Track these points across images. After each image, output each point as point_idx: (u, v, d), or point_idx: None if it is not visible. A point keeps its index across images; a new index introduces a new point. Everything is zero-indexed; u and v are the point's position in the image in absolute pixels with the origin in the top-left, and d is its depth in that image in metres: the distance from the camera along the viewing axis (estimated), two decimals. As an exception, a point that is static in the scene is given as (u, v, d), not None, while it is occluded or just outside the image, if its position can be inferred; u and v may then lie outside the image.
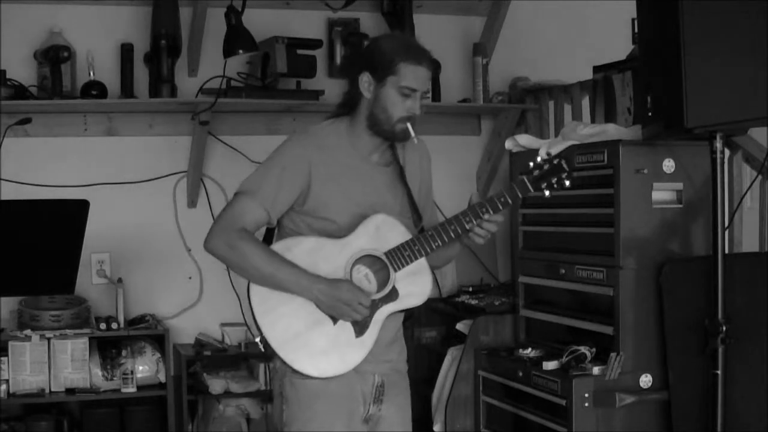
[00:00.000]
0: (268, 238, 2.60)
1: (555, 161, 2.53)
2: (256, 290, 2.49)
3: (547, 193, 2.54)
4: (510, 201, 2.51)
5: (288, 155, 2.52)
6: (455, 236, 2.50)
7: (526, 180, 2.52)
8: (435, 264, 2.70)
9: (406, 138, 2.52)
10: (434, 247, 2.49)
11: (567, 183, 2.54)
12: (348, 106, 2.58)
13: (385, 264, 2.49)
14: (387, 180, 2.59)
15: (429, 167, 2.73)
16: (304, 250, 2.49)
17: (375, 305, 2.49)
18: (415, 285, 2.52)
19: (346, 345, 2.49)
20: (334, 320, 2.48)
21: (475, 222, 2.49)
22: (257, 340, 2.51)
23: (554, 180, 2.53)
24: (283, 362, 2.48)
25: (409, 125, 2.49)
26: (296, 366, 2.48)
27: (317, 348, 2.48)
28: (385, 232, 2.50)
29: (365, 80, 2.50)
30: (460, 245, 2.63)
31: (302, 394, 2.52)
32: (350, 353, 2.50)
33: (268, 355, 2.52)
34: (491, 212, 2.49)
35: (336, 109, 2.63)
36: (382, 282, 2.50)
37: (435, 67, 2.52)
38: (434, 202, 2.80)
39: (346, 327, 2.49)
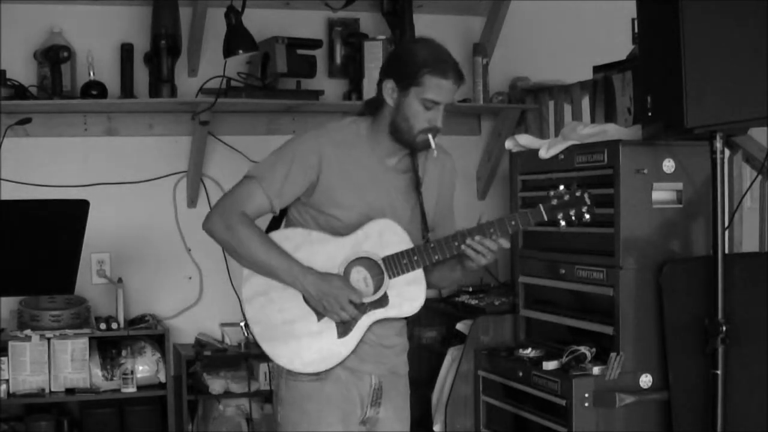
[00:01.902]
0: (273, 226, 2.57)
1: (577, 193, 2.46)
2: (248, 275, 2.47)
3: (563, 223, 2.45)
4: (520, 226, 2.43)
5: (300, 147, 2.47)
6: (457, 252, 2.43)
7: (541, 207, 2.45)
8: (440, 284, 2.68)
9: (427, 149, 2.47)
10: (434, 259, 2.43)
11: (587, 217, 2.46)
12: (373, 107, 2.52)
13: (381, 269, 2.44)
14: (401, 186, 2.53)
15: (452, 181, 2.67)
16: (304, 242, 2.45)
17: (363, 308, 2.43)
18: (407, 295, 2.45)
19: (326, 344, 2.44)
20: (319, 317, 2.43)
21: (479, 241, 2.41)
22: (241, 324, 2.48)
23: (572, 212, 2.45)
24: (256, 342, 2.45)
25: (430, 136, 2.44)
26: (270, 354, 2.44)
27: (296, 342, 2.43)
28: (388, 237, 2.44)
29: (389, 87, 2.43)
30: (462, 268, 2.54)
31: (296, 395, 2.48)
32: (329, 354, 2.44)
33: (253, 342, 2.47)
34: (499, 234, 2.42)
35: (361, 107, 2.59)
36: (378, 287, 2.45)
37: (461, 79, 2.42)
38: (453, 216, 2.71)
39: (329, 326, 2.44)
